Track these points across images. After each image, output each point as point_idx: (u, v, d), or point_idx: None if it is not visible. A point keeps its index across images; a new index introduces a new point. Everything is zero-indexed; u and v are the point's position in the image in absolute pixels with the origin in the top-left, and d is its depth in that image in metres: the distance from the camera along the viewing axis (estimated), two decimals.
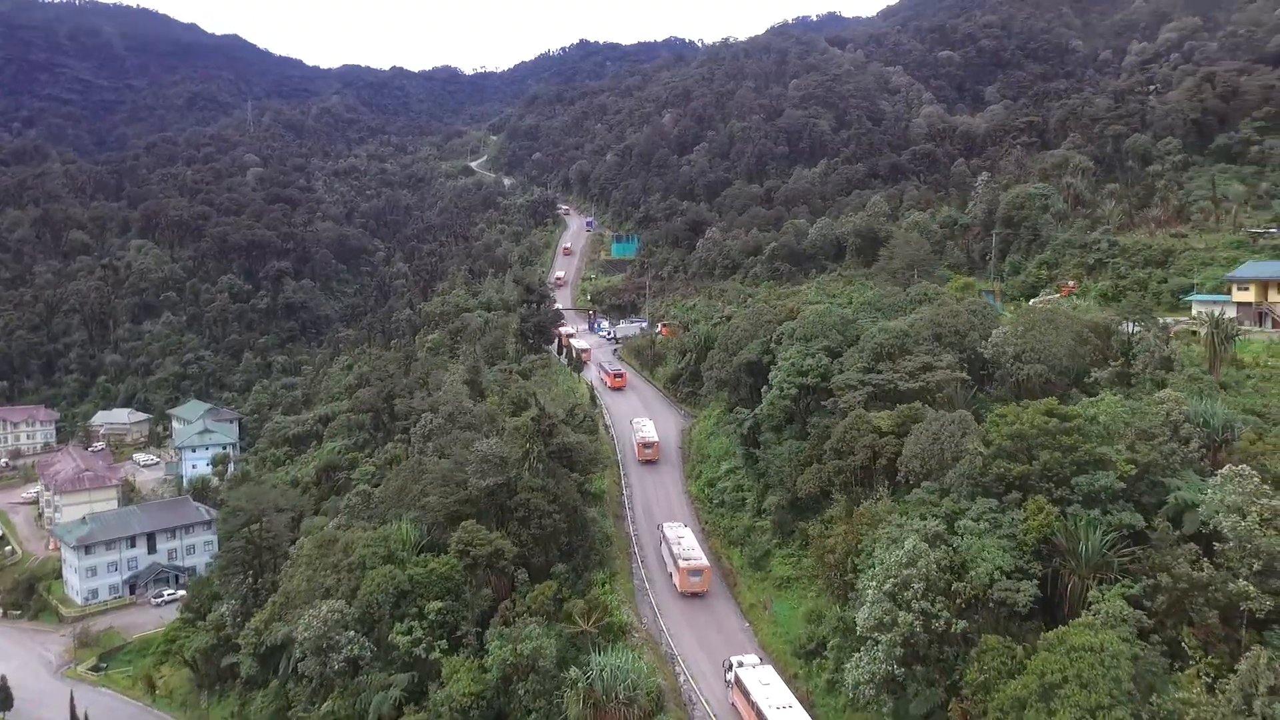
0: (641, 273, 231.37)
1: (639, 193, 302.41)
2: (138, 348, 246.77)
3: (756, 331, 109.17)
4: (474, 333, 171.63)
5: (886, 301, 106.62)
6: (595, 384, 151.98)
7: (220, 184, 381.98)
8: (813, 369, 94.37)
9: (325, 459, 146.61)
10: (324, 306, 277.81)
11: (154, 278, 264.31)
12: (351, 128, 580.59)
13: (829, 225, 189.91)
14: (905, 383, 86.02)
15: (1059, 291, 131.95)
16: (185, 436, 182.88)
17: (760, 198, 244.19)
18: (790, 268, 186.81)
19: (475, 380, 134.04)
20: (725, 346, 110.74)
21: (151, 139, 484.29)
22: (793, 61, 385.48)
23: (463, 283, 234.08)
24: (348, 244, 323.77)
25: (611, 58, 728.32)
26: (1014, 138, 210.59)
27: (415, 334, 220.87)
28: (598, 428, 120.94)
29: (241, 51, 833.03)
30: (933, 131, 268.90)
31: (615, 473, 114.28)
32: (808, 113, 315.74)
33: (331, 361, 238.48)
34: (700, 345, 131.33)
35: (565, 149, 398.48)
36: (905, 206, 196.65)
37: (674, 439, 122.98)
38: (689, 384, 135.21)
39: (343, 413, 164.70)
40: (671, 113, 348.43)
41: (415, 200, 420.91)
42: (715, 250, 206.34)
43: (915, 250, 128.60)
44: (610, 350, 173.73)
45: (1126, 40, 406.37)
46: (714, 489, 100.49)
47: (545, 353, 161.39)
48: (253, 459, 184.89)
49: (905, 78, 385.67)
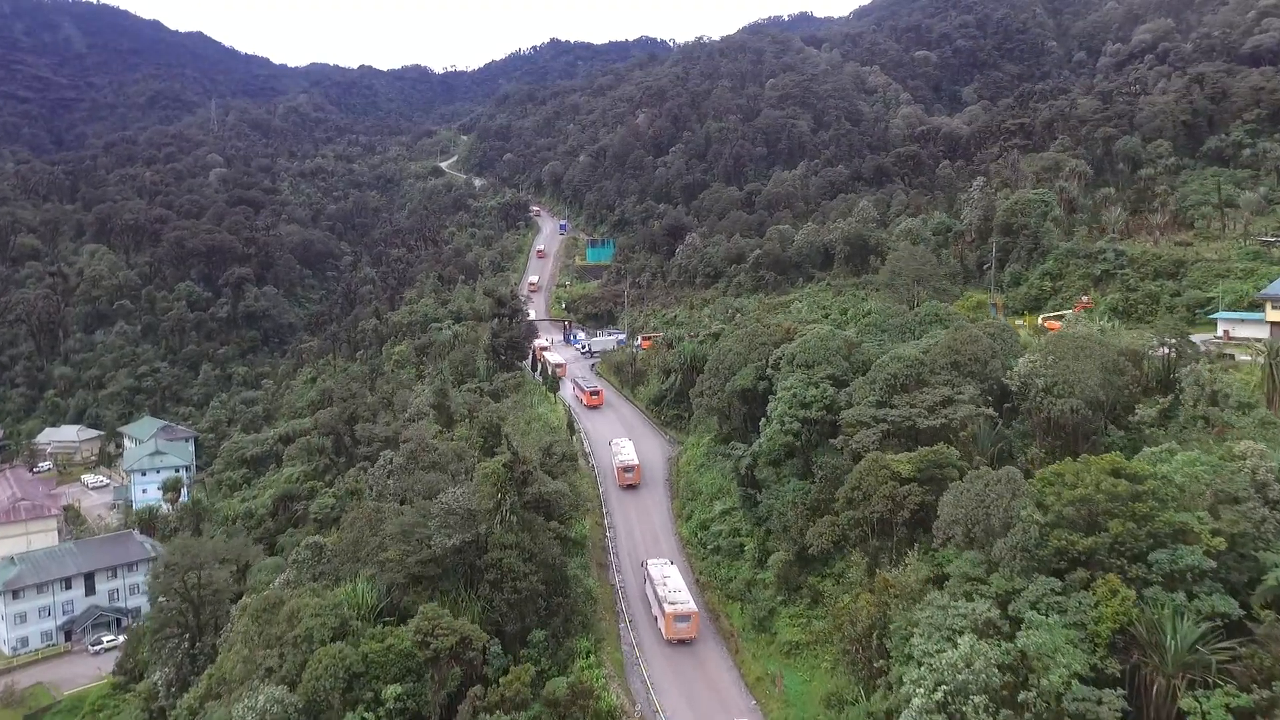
0: (618, 279, 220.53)
1: (614, 195, 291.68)
2: (89, 359, 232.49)
3: (750, 354, 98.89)
4: (442, 348, 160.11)
5: (893, 322, 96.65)
6: (571, 402, 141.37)
7: (181, 185, 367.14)
8: (817, 400, 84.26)
9: (282, 487, 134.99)
10: (288, 314, 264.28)
11: (107, 285, 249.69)
12: (319, 127, 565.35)
13: (816, 232, 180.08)
14: (924, 419, 76.07)
15: (1072, 307, 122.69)
16: (135, 458, 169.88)
17: (741, 201, 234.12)
18: (776, 276, 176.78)
19: (442, 404, 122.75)
20: (716, 371, 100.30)
21: (111, 138, 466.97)
22: (769, 61, 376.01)
23: (431, 290, 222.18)
24: (313, 248, 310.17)
25: (583, 57, 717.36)
26: (1005, 140, 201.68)
27: (382, 345, 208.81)
28: (577, 459, 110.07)
29: (206, 49, 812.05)
30: (915, 133, 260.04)
31: (596, 501, 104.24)
32: (786, 113, 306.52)
33: (295, 374, 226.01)
34: (686, 365, 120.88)
35: (537, 149, 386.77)
36: (894, 212, 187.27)
37: (659, 467, 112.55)
38: (674, 406, 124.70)
39: (303, 434, 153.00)
40: (646, 113, 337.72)
41: (384, 202, 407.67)
42: (696, 257, 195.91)
43: (919, 263, 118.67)
44: (587, 365, 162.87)
45: (1100, 41, 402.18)
46: (707, 532, 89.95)
47: (519, 369, 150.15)
48: (208, 482, 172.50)
49: (882, 78, 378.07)
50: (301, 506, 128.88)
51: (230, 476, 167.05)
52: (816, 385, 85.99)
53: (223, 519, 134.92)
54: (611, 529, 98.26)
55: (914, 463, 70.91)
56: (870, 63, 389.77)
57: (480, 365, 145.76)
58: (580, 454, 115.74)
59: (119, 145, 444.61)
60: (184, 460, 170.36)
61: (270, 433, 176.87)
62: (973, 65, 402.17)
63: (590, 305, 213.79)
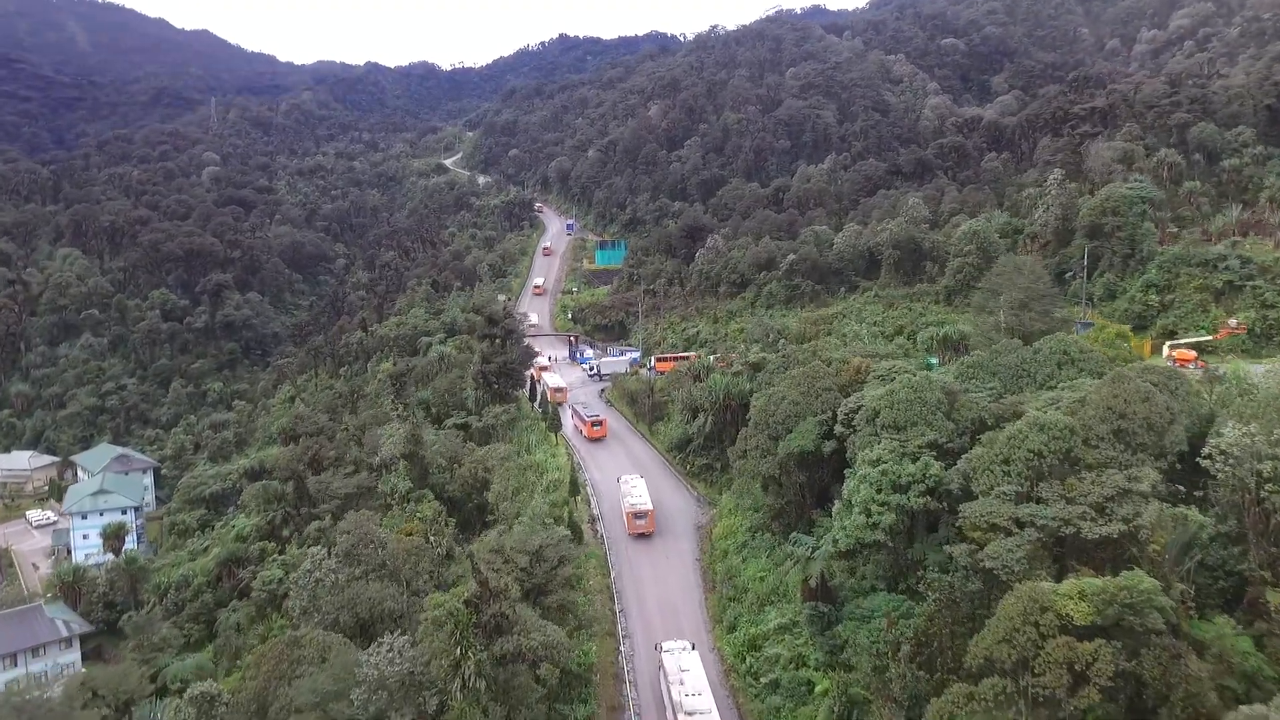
0: (630, 286, 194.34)
1: (625, 192, 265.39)
2: (51, 375, 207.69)
3: (810, 403, 72.81)
4: (424, 373, 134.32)
5: (1003, 361, 70.27)
6: (569, 433, 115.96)
7: (170, 185, 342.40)
8: (917, 481, 58.35)
9: (228, 547, 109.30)
10: (273, 323, 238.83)
11: (74, 292, 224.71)
12: (322, 125, 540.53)
13: (858, 234, 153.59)
14: (1093, 525, 50.08)
15: (1213, 332, 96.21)
16: (75, 498, 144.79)
17: (768, 199, 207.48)
18: (813, 285, 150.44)
19: (415, 452, 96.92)
20: (765, 424, 74.22)
21: (104, 136, 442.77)
22: (788, 49, 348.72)
23: (424, 299, 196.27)
24: (303, 250, 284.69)
25: (592, 52, 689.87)
26: (1073, 127, 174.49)
27: (368, 359, 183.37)
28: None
29: (212, 47, 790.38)
30: (956, 123, 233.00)
31: (599, 558, 79.74)
32: (809, 103, 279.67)
33: (275, 391, 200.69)
34: (719, 404, 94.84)
35: (544, 145, 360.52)
36: (946, 210, 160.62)
37: (686, 536, 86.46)
38: (703, 453, 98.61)
39: (269, 471, 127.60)
40: (659, 104, 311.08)
41: (384, 201, 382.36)
42: (719, 262, 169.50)
43: (1031, 279, 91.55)
44: (595, 391, 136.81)
45: (1135, 28, 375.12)
46: (759, 657, 63.88)
47: (515, 400, 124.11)
48: (163, 525, 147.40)
49: (908, 67, 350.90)
50: (248, 573, 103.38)
51: (184, 520, 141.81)
52: (914, 458, 60.11)
53: (155, 586, 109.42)
54: (619, 595, 75.45)
55: (1094, 602, 45.06)
56: (894, 51, 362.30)
57: (469, 395, 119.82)
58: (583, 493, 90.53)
59: (112, 144, 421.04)
60: (133, 499, 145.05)
61: (235, 465, 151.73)
62: (1001, 53, 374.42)
63: (599, 315, 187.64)
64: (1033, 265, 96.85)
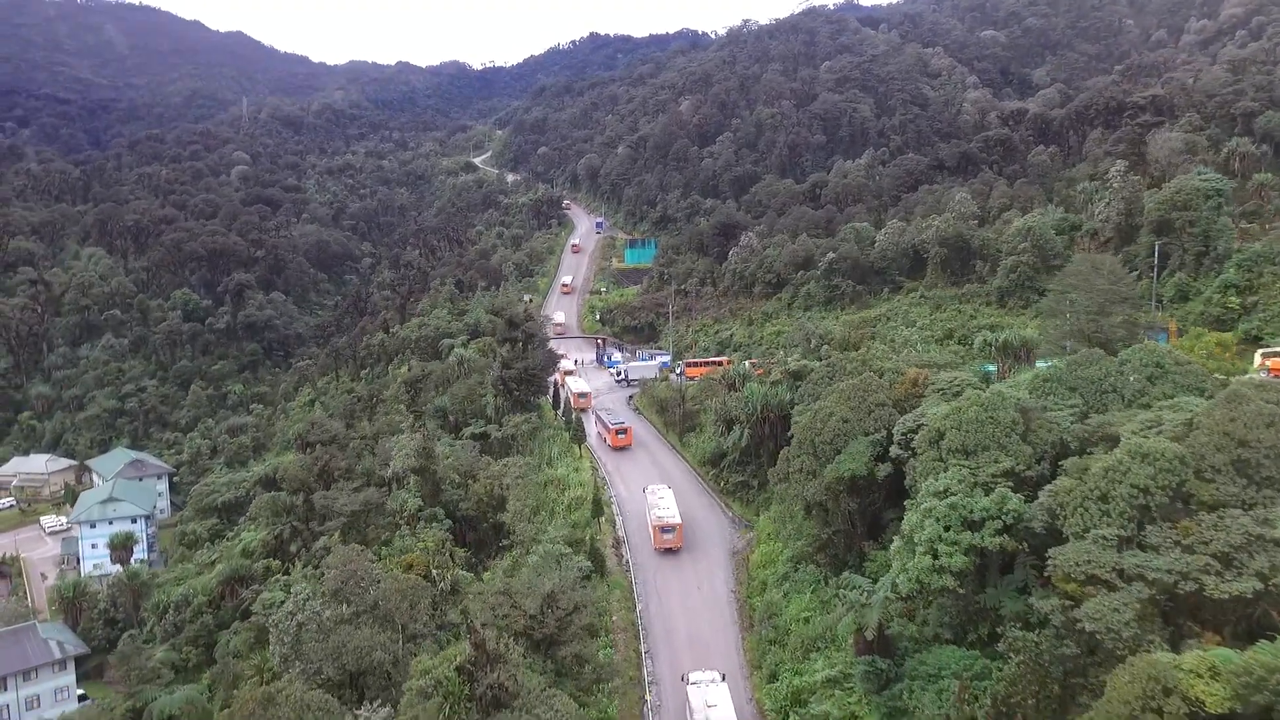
0: (661, 285, 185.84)
1: (655, 189, 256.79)
2: (71, 376, 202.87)
3: (861, 420, 64.01)
4: (444, 378, 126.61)
5: (1083, 374, 60.90)
6: (593, 440, 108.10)
7: (198, 184, 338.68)
8: (992, 516, 49.44)
9: (231, 565, 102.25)
10: (297, 324, 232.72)
11: (97, 293, 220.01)
12: (353, 124, 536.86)
13: (902, 231, 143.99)
14: (1220, 581, 40.99)
15: None
16: (84, 505, 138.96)
17: (804, 195, 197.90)
18: (854, 286, 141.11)
19: (427, 466, 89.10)
20: (810, 443, 65.45)
21: (136, 137, 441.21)
22: (823, 43, 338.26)
23: (447, 299, 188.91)
24: (329, 250, 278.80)
25: (623, 50, 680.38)
26: (1131, 116, 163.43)
27: (389, 362, 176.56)
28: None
29: (246, 49, 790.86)
30: (1002, 115, 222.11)
31: (619, 577, 72.06)
32: (845, 97, 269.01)
33: (296, 394, 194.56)
34: (756, 415, 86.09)
35: (573, 142, 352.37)
36: (995, 206, 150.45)
37: (721, 567, 77.85)
38: (739, 469, 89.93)
39: (271, 489, 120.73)
40: (690, 99, 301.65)
41: (413, 199, 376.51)
42: (753, 261, 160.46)
43: (1113, 280, 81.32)
44: (623, 397, 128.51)
45: (1182, 18, 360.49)
46: (804, 715, 55.09)
47: (537, 407, 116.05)
48: (174, 535, 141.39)
49: (946, 60, 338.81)
50: (251, 593, 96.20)
51: (195, 529, 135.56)
52: (987, 489, 51.19)
53: (155, 605, 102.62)
54: (645, 632, 67.48)
55: (1232, 683, 36.14)
56: (932, 44, 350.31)
57: (488, 403, 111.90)
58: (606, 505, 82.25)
59: (144, 144, 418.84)
60: (143, 507, 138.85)
61: (250, 473, 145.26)
62: (1043, 46, 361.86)
63: (628, 316, 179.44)
64: (1113, 264, 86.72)
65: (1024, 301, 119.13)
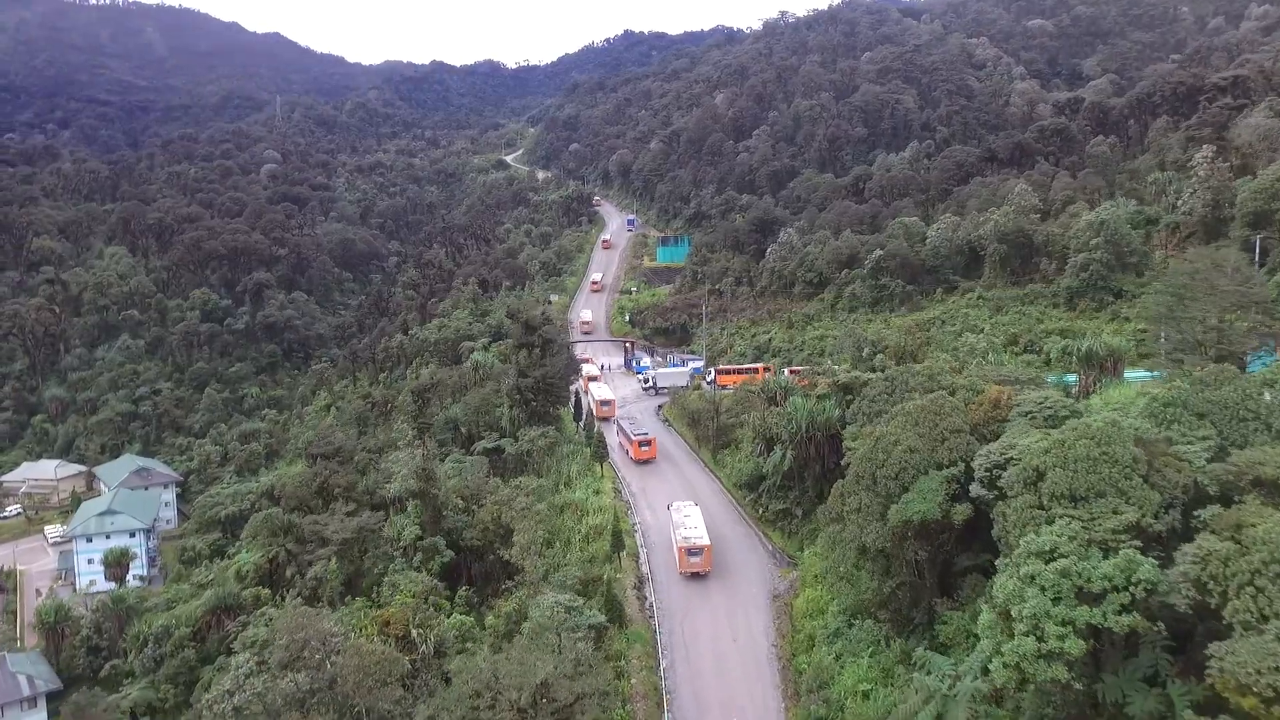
0: (694, 285, 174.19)
1: (689, 185, 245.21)
2: (87, 378, 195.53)
3: (935, 452, 52.14)
4: (460, 384, 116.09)
5: (1214, 397, 48.49)
6: (614, 452, 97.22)
7: (226, 182, 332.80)
8: (1115, 584, 37.56)
9: (219, 593, 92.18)
10: (319, 324, 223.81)
11: (115, 292, 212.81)
12: (386, 123, 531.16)
13: (956, 226, 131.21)
14: None
15: None
16: (82, 518, 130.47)
17: (847, 189, 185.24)
18: (903, 285, 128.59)
19: (427, 490, 78.42)
20: (870, 477, 53.61)
21: (169, 136, 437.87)
22: (863, 33, 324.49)
23: (470, 299, 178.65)
24: (354, 248, 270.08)
25: (657, 47, 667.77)
26: (1210, 99, 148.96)
27: (408, 365, 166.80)
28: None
29: (282, 49, 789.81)
30: (1058, 103, 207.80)
31: (645, 635, 61.60)
32: (887, 88, 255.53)
33: (313, 397, 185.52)
34: (800, 434, 74.37)
35: (605, 138, 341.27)
36: (1057, 199, 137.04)
37: (759, 612, 66.31)
38: (780, 496, 78.20)
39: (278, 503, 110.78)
40: (725, 92, 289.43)
41: (443, 197, 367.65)
42: (793, 259, 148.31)
43: (1241, 283, 67.70)
44: (652, 407, 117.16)
45: (1241, 4, 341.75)
46: None
47: (555, 420, 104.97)
48: (174, 551, 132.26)
49: (992, 50, 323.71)
50: (238, 625, 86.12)
51: (195, 545, 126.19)
52: (1106, 549, 39.33)
53: (135, 636, 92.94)
54: (671, 699, 56.05)
55: None
56: (977, 34, 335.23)
57: (503, 414, 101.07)
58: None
59: (176, 143, 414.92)
60: (143, 519, 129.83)
61: (257, 483, 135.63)
62: (1093, 35, 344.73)
63: (660, 317, 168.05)
64: (1238, 261, 73.64)
65: (1097, 303, 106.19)
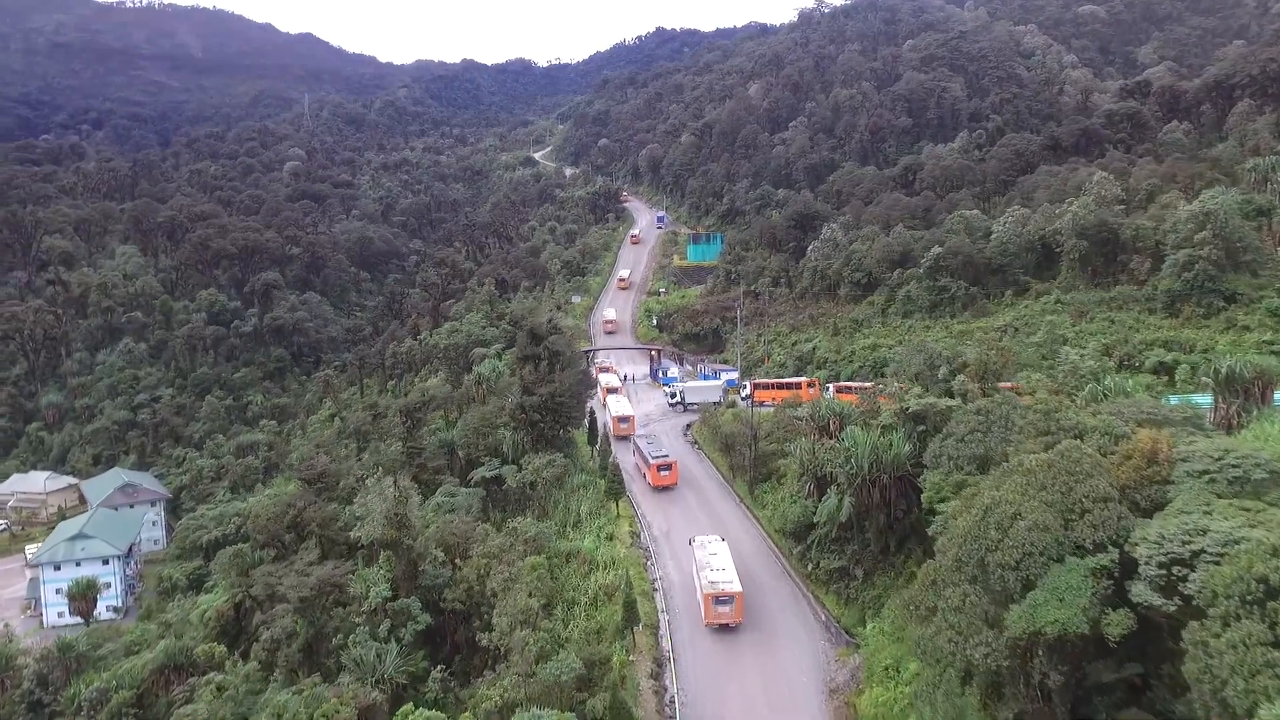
0: (727, 286, 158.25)
1: (721, 179, 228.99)
2: (86, 384, 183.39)
3: (1072, 527, 35.96)
4: (464, 398, 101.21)
5: None
6: (630, 472, 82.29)
7: (246, 179, 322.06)
8: None
9: (168, 649, 77.94)
10: (331, 326, 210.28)
11: (120, 294, 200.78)
12: (415, 121, 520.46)
13: (1024, 219, 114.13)
14: None
15: None
16: (50, 544, 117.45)
17: (895, 180, 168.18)
18: (966, 287, 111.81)
19: (400, 540, 63.40)
20: (978, 564, 37.53)
21: (195, 134, 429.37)
22: (905, 20, 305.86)
23: (485, 301, 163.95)
24: (372, 247, 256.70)
25: (689, 44, 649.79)
26: None
27: (417, 372, 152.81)
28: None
29: (315, 50, 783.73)
30: (1128, 87, 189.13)
31: None
32: (933, 76, 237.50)
33: (320, 406, 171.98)
34: (861, 476, 58.43)
35: (634, 132, 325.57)
36: (1139, 188, 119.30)
37: (812, 711, 50.42)
38: (836, 551, 62.28)
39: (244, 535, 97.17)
40: (759, 83, 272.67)
41: (469, 195, 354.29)
42: (837, 257, 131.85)
43: None
44: (679, 426, 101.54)
45: None
46: None
47: (566, 443, 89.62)
48: (154, 579, 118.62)
49: (1040, 38, 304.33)
50: (187, 689, 71.83)
51: (172, 574, 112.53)
52: None
53: (70, 698, 78.81)
54: None
55: None
56: (1024, 21, 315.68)
57: (505, 438, 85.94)
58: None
59: (202, 141, 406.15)
60: (119, 544, 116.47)
61: (246, 504, 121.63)
62: (1148, 20, 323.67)
63: (690, 321, 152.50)
64: None
65: (1204, 309, 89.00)
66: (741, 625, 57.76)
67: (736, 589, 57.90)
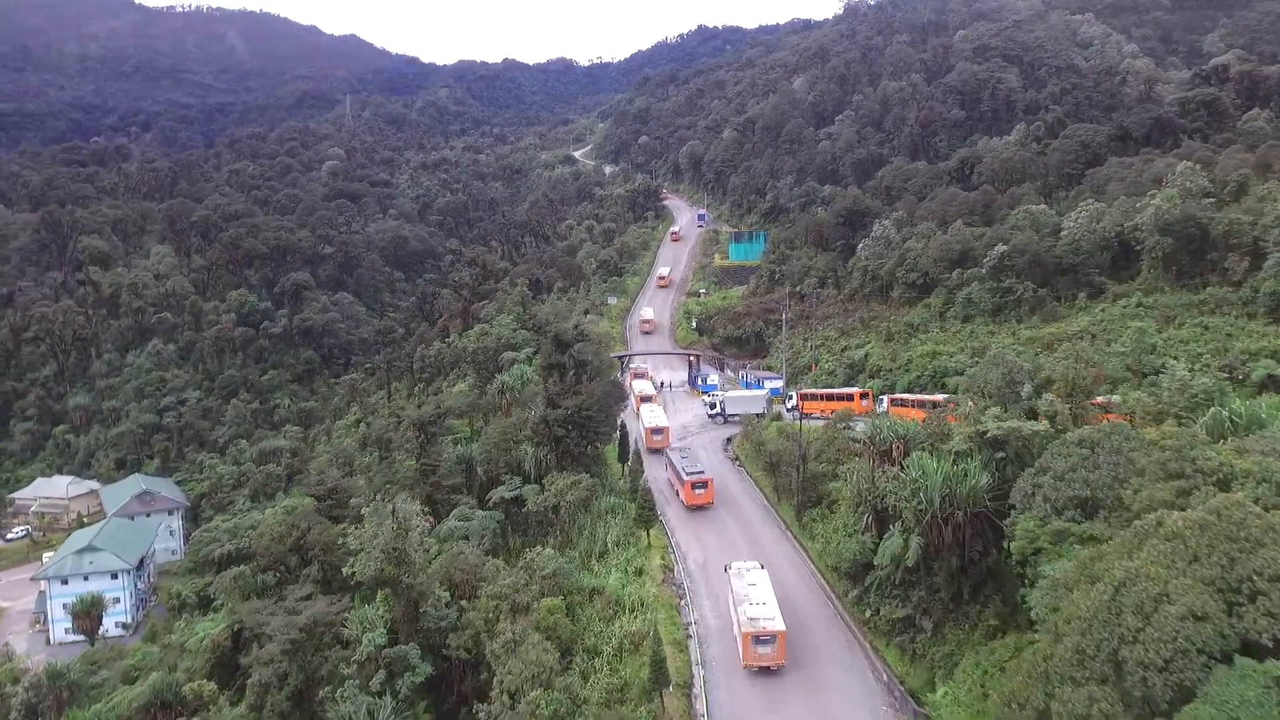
0: (771, 287, 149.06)
1: (764, 176, 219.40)
2: (114, 386, 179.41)
3: (1239, 612, 26.67)
4: (489, 407, 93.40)
5: None
6: (661, 488, 74.07)
7: (284, 179, 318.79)
8: None
9: (156, 686, 71.05)
10: (364, 327, 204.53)
11: (151, 294, 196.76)
12: (456, 120, 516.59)
13: (1099, 215, 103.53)
14: None
15: None
16: (57, 559, 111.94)
17: (951, 175, 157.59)
18: (1034, 288, 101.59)
19: (398, 579, 55.50)
20: (1109, 659, 28.52)
21: (236, 134, 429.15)
22: (956, 10, 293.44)
23: (517, 302, 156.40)
24: (407, 246, 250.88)
25: (731, 41, 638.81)
26: None
27: (445, 376, 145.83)
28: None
29: (359, 51, 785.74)
30: (1203, 72, 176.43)
31: None
32: (986, 67, 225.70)
33: (348, 410, 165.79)
34: (932, 513, 49.34)
35: (675, 129, 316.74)
36: (1229, 179, 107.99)
37: None
38: (900, 598, 53.19)
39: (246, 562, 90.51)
40: (804, 76, 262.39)
41: (507, 194, 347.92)
42: (890, 256, 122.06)
43: None
44: (719, 440, 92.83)
45: None
46: None
47: (594, 460, 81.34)
48: (161, 599, 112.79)
49: (1098, 27, 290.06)
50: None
51: (181, 590, 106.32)
52: None
53: None
54: None
55: None
56: (1081, 10, 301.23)
57: (527, 455, 77.90)
58: None
59: (243, 142, 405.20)
60: (130, 557, 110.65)
61: (262, 516, 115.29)
62: (1213, 7, 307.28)
63: (731, 324, 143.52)
64: None
65: None
66: (788, 676, 49.20)
67: (779, 627, 49.66)
